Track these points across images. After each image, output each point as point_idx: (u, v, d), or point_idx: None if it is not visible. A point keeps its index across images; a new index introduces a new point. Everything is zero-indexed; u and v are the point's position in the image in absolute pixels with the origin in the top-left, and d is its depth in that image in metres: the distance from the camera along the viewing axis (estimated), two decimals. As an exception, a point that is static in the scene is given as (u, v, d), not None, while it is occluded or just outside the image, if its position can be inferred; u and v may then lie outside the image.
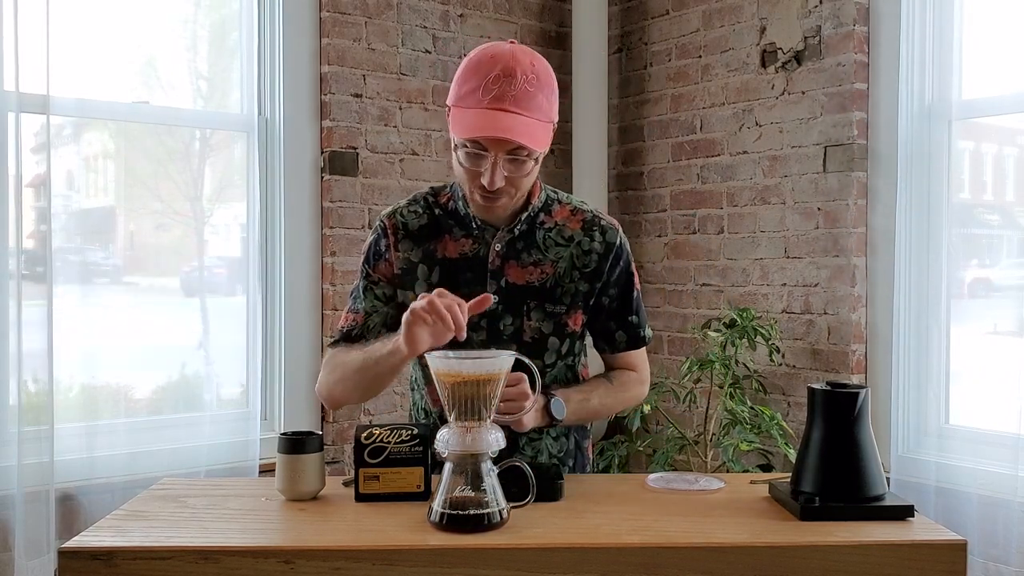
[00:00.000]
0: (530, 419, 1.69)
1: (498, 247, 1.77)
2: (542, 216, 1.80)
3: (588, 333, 1.89)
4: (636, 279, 1.87)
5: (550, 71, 1.69)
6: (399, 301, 1.80)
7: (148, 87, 3.17)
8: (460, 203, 1.80)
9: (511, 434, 1.68)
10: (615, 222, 1.85)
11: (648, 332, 1.90)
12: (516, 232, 1.78)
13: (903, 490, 2.92)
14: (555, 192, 1.85)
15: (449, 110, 1.70)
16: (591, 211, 1.84)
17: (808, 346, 3.32)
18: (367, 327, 1.80)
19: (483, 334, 1.77)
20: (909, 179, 3.03)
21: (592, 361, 1.96)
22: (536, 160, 1.68)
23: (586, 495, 1.59)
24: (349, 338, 1.80)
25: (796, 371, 3.36)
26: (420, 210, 1.82)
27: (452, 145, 1.70)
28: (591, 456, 1.97)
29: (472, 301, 1.56)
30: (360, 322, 1.80)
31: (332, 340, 1.85)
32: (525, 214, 1.77)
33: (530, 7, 3.88)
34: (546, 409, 1.73)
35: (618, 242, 1.81)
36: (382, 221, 1.82)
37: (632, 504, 1.55)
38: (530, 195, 1.78)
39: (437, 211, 1.82)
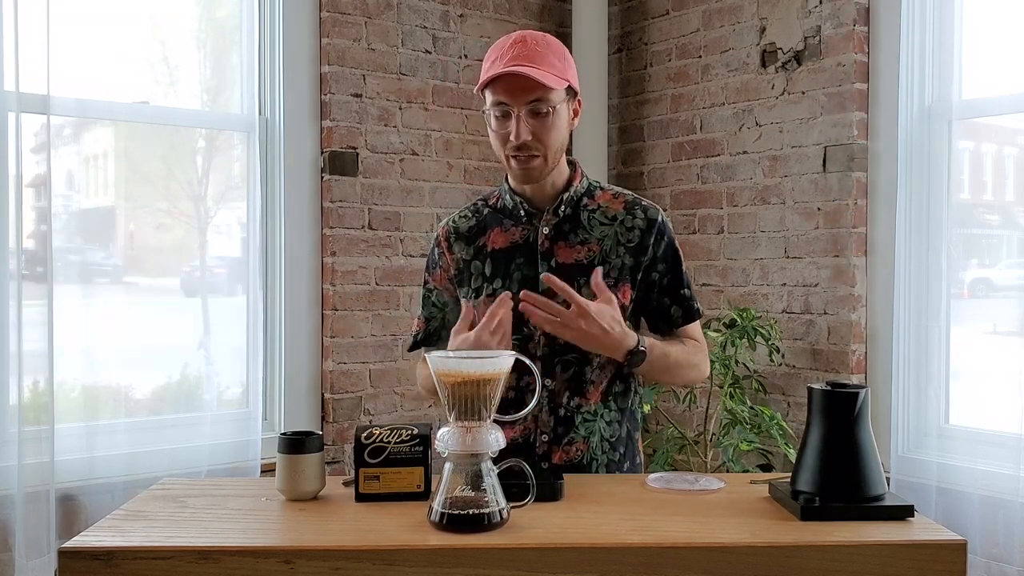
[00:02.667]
0: (591, 341, 1.72)
1: (546, 230, 1.88)
2: (585, 200, 1.92)
3: (642, 319, 1.94)
4: (682, 255, 1.95)
5: (562, 45, 1.85)
6: (457, 299, 1.94)
7: (148, 87, 3.16)
8: (507, 196, 1.92)
9: (567, 412, 1.83)
10: (656, 205, 1.96)
11: (699, 305, 1.97)
12: (561, 214, 1.89)
13: (903, 490, 2.92)
14: (597, 181, 1.99)
15: (482, 93, 1.84)
16: (632, 194, 1.96)
17: (808, 346, 3.32)
18: (429, 331, 2.00)
19: None
20: (909, 179, 3.03)
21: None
22: (555, 110, 1.79)
23: (586, 495, 1.59)
24: (417, 343, 2.03)
25: (796, 371, 3.36)
26: (469, 214, 1.99)
27: (487, 124, 1.85)
28: (641, 449, 1.99)
29: (494, 306, 1.72)
30: (422, 328, 2.01)
31: (409, 344, 2.06)
32: (567, 194, 1.88)
33: (530, 7, 3.88)
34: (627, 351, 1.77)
35: (660, 218, 1.92)
36: (437, 231, 2.00)
37: (632, 504, 1.54)
38: (571, 179, 1.91)
39: (486, 211, 1.97)
